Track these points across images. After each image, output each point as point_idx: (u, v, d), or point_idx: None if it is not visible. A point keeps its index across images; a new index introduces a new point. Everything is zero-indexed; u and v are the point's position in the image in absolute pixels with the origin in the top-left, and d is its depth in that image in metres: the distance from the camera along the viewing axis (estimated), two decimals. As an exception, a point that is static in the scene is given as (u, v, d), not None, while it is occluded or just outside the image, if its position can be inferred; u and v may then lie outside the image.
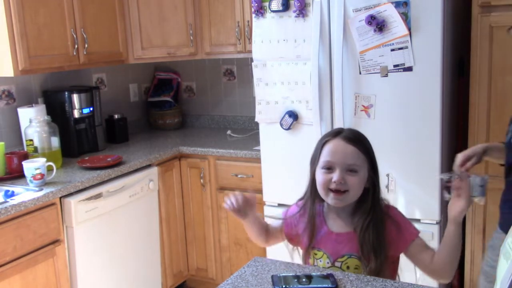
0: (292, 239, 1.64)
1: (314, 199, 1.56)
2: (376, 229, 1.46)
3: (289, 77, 2.60)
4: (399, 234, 1.49)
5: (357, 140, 1.49)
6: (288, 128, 2.63)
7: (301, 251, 1.63)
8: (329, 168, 1.47)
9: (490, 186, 2.42)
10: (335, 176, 1.44)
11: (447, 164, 2.52)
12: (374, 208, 1.48)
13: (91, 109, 3.04)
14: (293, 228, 1.61)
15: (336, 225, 1.53)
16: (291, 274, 1.43)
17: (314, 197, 1.56)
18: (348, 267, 1.50)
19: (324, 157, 1.48)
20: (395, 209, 1.56)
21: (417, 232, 1.51)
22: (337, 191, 1.45)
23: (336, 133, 1.51)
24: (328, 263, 1.52)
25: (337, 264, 1.51)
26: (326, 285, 1.36)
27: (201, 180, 3.14)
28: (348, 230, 1.51)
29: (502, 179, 1.75)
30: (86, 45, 2.85)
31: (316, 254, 1.54)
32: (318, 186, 1.50)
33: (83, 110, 2.99)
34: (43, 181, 2.40)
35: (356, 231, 1.49)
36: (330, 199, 1.48)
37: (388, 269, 1.53)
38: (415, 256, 1.49)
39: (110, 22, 3.08)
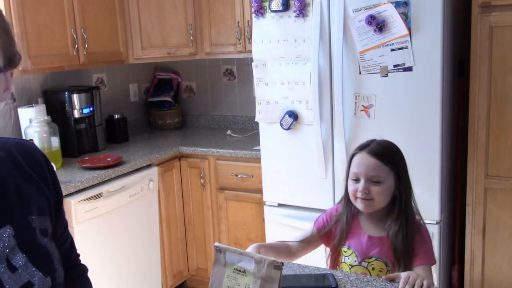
0: (323, 236, 1.71)
1: (347, 205, 1.67)
2: (406, 236, 1.56)
3: (289, 77, 2.60)
4: (421, 250, 1.57)
5: (381, 153, 1.60)
6: (288, 128, 2.63)
7: (328, 250, 1.72)
8: (356, 179, 1.60)
9: (493, 187, 2.45)
10: (360, 186, 1.58)
11: (447, 164, 2.52)
12: (401, 215, 1.59)
13: (91, 109, 3.04)
14: (326, 226, 1.70)
15: (369, 228, 1.64)
16: (291, 274, 1.43)
17: (347, 202, 1.67)
18: (373, 269, 1.58)
19: (352, 169, 1.62)
20: (426, 229, 1.65)
21: (434, 261, 1.60)
22: (363, 198, 1.58)
23: (363, 146, 1.63)
24: (355, 261, 1.61)
25: (364, 264, 1.60)
26: (326, 285, 1.36)
27: (201, 180, 3.14)
28: (380, 235, 1.61)
29: None
30: (86, 45, 2.85)
31: (345, 251, 1.64)
32: (349, 194, 1.64)
33: (83, 110, 2.99)
34: (43, 181, 2.40)
35: (388, 237, 1.59)
36: (358, 204, 1.61)
37: None
38: None
39: (110, 22, 3.08)
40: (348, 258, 1.62)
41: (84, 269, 1.28)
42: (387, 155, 1.61)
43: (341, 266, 1.64)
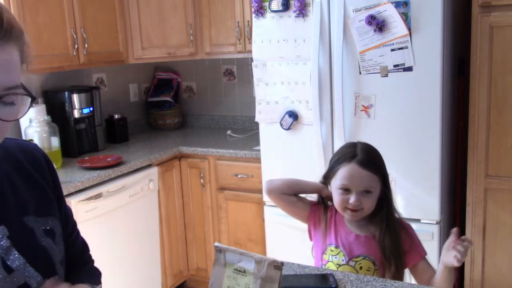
0: (312, 222, 1.70)
1: (325, 207, 1.69)
2: (393, 236, 1.57)
3: (289, 77, 2.60)
4: (412, 247, 1.59)
5: (371, 163, 1.57)
6: (288, 128, 2.63)
7: (311, 243, 1.72)
8: (346, 189, 1.57)
9: (493, 187, 2.45)
10: (352, 198, 1.55)
11: (447, 164, 2.52)
12: (389, 217, 1.60)
13: (91, 109, 3.04)
14: (317, 217, 1.70)
15: (355, 227, 1.63)
16: (291, 274, 1.43)
17: (324, 205, 1.69)
18: (361, 268, 1.58)
19: (341, 180, 1.57)
20: (408, 224, 1.66)
21: (425, 252, 1.61)
22: (353, 210, 1.57)
23: (351, 156, 1.58)
24: (343, 260, 1.60)
25: (351, 263, 1.59)
26: (326, 285, 1.36)
27: (201, 180, 3.14)
28: (367, 234, 1.61)
29: None
30: (86, 45, 2.85)
31: (332, 250, 1.62)
32: (335, 204, 1.61)
33: (83, 110, 2.99)
34: (43, 181, 2.39)
35: (375, 236, 1.59)
36: (347, 215, 1.60)
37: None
38: (419, 274, 1.59)
39: (110, 22, 3.08)
40: (335, 257, 1.60)
41: (98, 271, 1.24)
42: (377, 164, 1.58)
43: (327, 265, 1.62)
